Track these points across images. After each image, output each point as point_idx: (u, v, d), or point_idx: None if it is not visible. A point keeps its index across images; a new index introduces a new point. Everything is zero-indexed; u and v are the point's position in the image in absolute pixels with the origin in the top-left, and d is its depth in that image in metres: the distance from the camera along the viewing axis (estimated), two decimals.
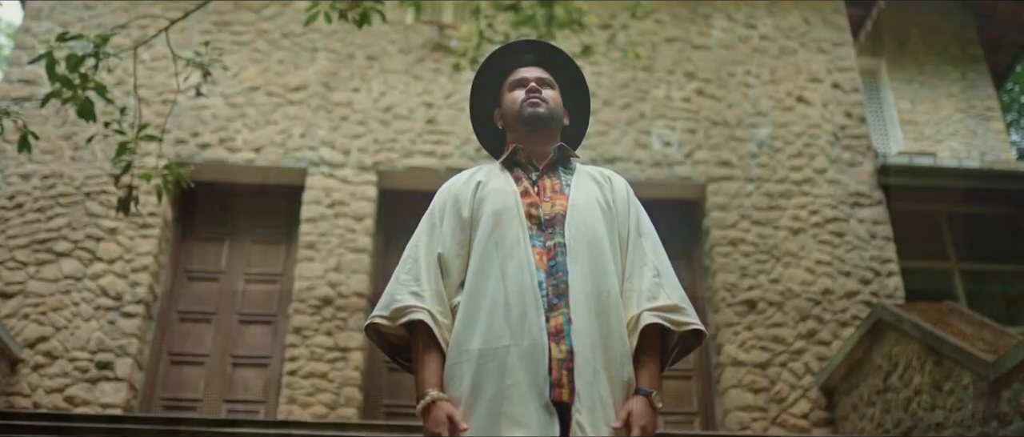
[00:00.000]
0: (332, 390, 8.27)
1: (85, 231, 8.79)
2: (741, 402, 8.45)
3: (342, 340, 8.49)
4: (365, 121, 9.60)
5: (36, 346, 8.22)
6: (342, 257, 8.88)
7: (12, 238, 8.72)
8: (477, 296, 2.30)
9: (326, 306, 8.64)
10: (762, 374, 8.59)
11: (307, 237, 8.96)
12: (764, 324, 8.82)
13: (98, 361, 8.19)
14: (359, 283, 8.75)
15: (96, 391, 8.08)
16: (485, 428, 2.12)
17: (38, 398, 8.01)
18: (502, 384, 2.16)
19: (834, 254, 9.18)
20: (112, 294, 8.52)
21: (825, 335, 8.77)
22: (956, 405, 6.48)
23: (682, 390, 9.00)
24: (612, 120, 9.78)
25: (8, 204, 8.89)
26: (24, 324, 8.31)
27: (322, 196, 9.16)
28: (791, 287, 8.99)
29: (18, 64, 9.77)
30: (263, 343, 8.90)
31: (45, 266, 8.62)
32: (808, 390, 8.54)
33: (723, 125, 9.85)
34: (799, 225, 9.31)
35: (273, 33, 10.11)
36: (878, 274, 9.11)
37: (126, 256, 8.71)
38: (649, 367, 2.35)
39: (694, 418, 8.87)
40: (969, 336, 6.64)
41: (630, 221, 2.52)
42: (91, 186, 8.99)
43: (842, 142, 9.83)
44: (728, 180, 9.52)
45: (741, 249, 9.17)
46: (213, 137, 9.39)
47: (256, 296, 9.14)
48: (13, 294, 8.46)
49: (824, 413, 8.46)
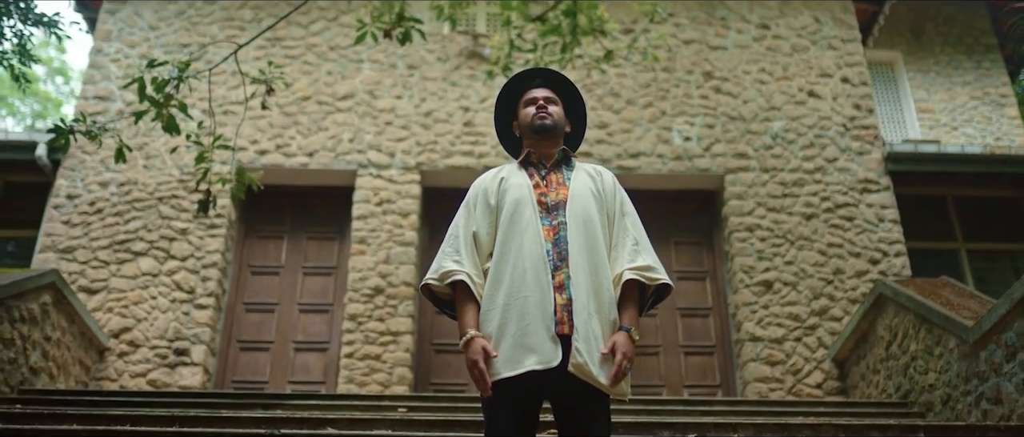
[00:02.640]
0: (385, 370, 9.13)
1: (159, 232, 9.74)
2: (759, 374, 9.19)
3: (393, 325, 9.35)
4: (408, 125, 10.46)
5: (120, 336, 9.18)
6: (391, 250, 9.74)
7: (95, 240, 9.69)
8: (502, 262, 3.12)
9: (378, 295, 9.51)
10: (779, 348, 9.32)
11: (358, 233, 9.84)
12: (780, 302, 9.55)
13: (176, 348, 9.13)
14: (407, 273, 9.61)
15: (175, 375, 9.03)
16: (509, 354, 2.93)
17: (124, 382, 8.97)
18: (521, 323, 2.97)
19: (844, 237, 9.89)
20: (185, 288, 9.46)
21: (836, 311, 9.48)
22: (944, 367, 7.20)
23: (705, 365, 9.76)
24: (635, 118, 10.55)
25: (90, 210, 9.86)
26: (109, 317, 9.27)
27: (371, 195, 10.03)
28: (804, 268, 9.71)
29: (92, 82, 10.75)
30: (321, 329, 9.80)
31: (125, 264, 9.58)
32: (821, 362, 9.26)
33: (739, 120, 10.58)
34: (811, 211, 10.03)
35: (321, 46, 11.01)
36: (886, 254, 9.80)
37: (196, 254, 9.64)
38: (629, 310, 3.15)
39: (717, 390, 9.62)
40: (956, 306, 7.34)
41: (615, 205, 3.32)
42: (163, 192, 9.94)
43: (851, 132, 10.53)
44: (745, 171, 10.26)
45: (757, 234, 9.90)
46: (270, 144, 10.30)
47: (313, 287, 10.04)
48: (98, 290, 9.43)
49: (836, 383, 9.18)
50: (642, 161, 10.28)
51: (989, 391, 6.55)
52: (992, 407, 6.50)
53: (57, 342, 8.17)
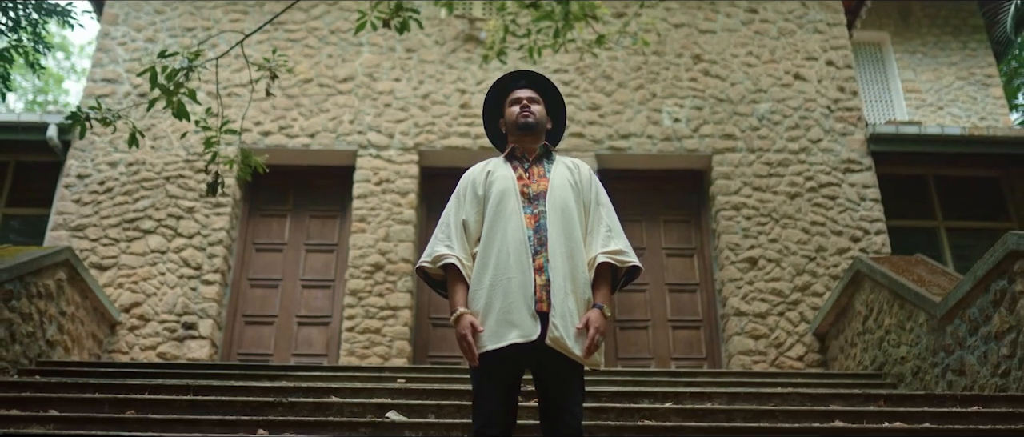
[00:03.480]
0: (385, 343, 9.53)
1: (167, 211, 10.12)
2: (744, 347, 9.59)
3: (392, 300, 9.74)
4: (406, 107, 10.81)
5: (131, 310, 9.58)
6: (390, 228, 10.12)
7: (105, 218, 10.07)
8: (488, 247, 3.49)
9: (378, 271, 9.90)
10: (762, 323, 9.72)
11: (359, 211, 10.21)
12: (764, 279, 9.94)
13: (184, 322, 9.53)
14: (406, 251, 9.99)
15: (183, 348, 9.43)
16: (494, 329, 3.31)
17: (134, 354, 9.38)
18: (505, 302, 3.34)
19: (827, 215, 10.27)
20: (193, 265, 9.85)
21: (818, 287, 9.88)
22: (915, 340, 7.60)
23: (692, 338, 10.17)
24: (626, 100, 10.90)
25: (99, 189, 10.23)
26: (119, 292, 9.66)
27: (371, 175, 10.40)
28: (788, 245, 10.10)
29: (100, 65, 11.09)
30: (323, 304, 10.20)
31: (134, 242, 9.96)
32: (803, 336, 9.66)
33: (727, 102, 10.94)
34: (796, 190, 10.40)
35: (322, 30, 11.34)
36: (867, 232, 10.19)
37: (203, 232, 10.02)
38: (603, 290, 3.52)
39: (703, 362, 10.03)
40: (927, 282, 7.74)
41: (591, 195, 3.69)
42: (170, 172, 10.30)
43: (835, 114, 10.88)
44: (731, 151, 10.62)
45: (743, 213, 10.28)
46: (273, 125, 10.65)
47: (315, 264, 10.43)
48: (108, 266, 9.82)
49: (817, 356, 9.59)
50: (632, 142, 10.64)
51: (954, 363, 6.96)
52: (957, 378, 6.91)
53: (71, 316, 8.56)
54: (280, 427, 4.99)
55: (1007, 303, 6.30)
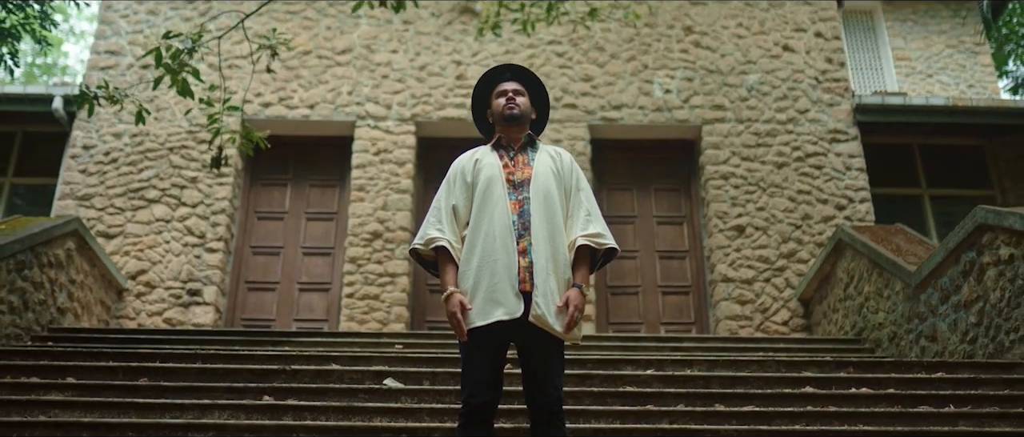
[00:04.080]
0: (383, 309, 9.86)
1: (171, 180, 10.40)
2: (730, 313, 9.92)
3: (391, 267, 10.06)
4: (403, 79, 11.06)
5: (137, 277, 9.89)
6: (388, 197, 10.41)
7: (111, 188, 10.35)
8: (476, 231, 3.77)
9: (376, 239, 10.20)
10: (749, 289, 10.04)
11: (357, 181, 10.50)
12: (751, 246, 10.25)
13: (189, 289, 9.85)
14: (403, 219, 10.28)
15: (188, 314, 9.76)
16: (481, 307, 3.60)
17: (141, 320, 9.71)
18: (491, 282, 3.63)
19: (813, 184, 10.55)
20: (196, 233, 10.15)
21: (803, 254, 10.19)
22: (892, 307, 7.92)
23: (681, 303, 10.50)
24: (618, 71, 11.14)
25: (105, 159, 10.50)
26: (126, 260, 9.97)
27: (369, 145, 10.67)
28: (775, 214, 10.39)
29: (103, 37, 11.31)
30: (324, 271, 10.51)
31: (139, 211, 10.25)
32: (788, 301, 9.99)
33: (717, 73, 11.18)
34: (783, 160, 10.68)
35: (321, 2, 11.54)
36: (851, 201, 10.48)
37: (206, 201, 10.31)
38: (582, 270, 3.81)
39: (691, 327, 10.36)
40: (904, 251, 8.04)
41: (572, 181, 3.97)
42: (173, 142, 10.57)
43: (823, 85, 11.13)
44: (721, 121, 10.89)
45: (732, 182, 10.56)
46: (273, 96, 10.90)
47: (316, 232, 10.73)
48: (115, 235, 10.12)
49: (801, 320, 9.92)
50: (624, 112, 10.90)
51: (927, 330, 7.29)
52: (929, 344, 7.24)
53: (81, 284, 8.88)
54: (284, 394, 5.32)
55: (975, 274, 6.62)
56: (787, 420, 4.96)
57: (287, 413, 4.96)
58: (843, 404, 5.31)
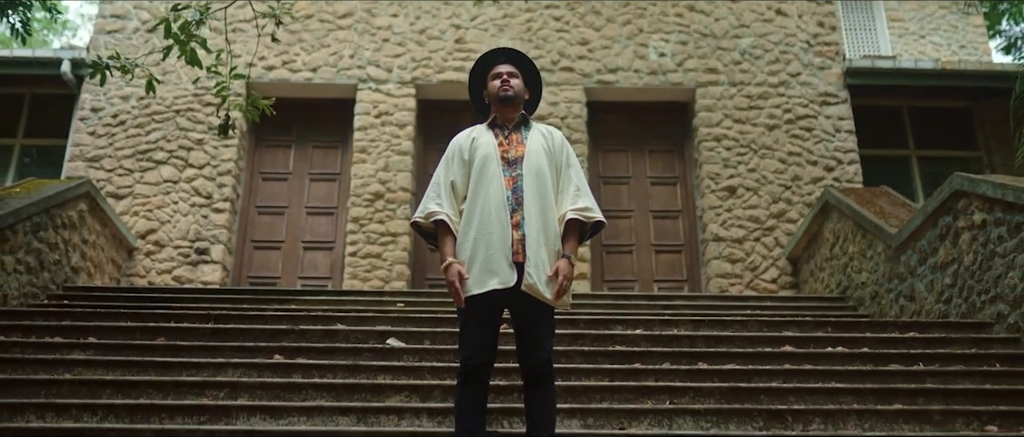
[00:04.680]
0: (385, 267, 10.18)
1: (178, 142, 10.68)
2: (721, 271, 10.25)
3: (392, 227, 10.37)
4: (404, 42, 11.28)
5: (147, 237, 10.21)
6: (389, 159, 10.69)
7: (119, 150, 10.64)
8: (473, 205, 4.06)
9: (378, 199, 10.50)
10: (739, 247, 10.36)
11: (359, 143, 10.77)
12: (742, 206, 10.55)
13: (197, 248, 10.17)
14: (404, 180, 10.57)
15: (197, 272, 10.09)
16: (477, 276, 3.91)
17: (151, 278, 10.04)
18: (487, 253, 3.93)
19: (803, 146, 10.83)
20: (203, 194, 10.45)
21: (793, 214, 10.49)
22: (874, 268, 8.25)
23: (674, 261, 10.82)
24: (614, 35, 11.37)
25: (113, 122, 10.77)
26: (135, 220, 10.28)
27: (370, 108, 10.93)
28: (765, 175, 10.68)
29: (109, 0, 11.51)
30: (327, 230, 10.83)
31: (147, 172, 10.55)
32: (777, 260, 10.32)
33: (711, 37, 11.41)
34: (774, 122, 10.95)
35: None
36: (840, 162, 10.76)
37: (212, 162, 10.59)
38: (571, 242, 4.11)
39: (683, 284, 10.70)
40: (887, 214, 8.35)
41: (562, 158, 4.25)
42: (180, 105, 10.83)
43: (814, 48, 11.37)
44: (714, 85, 11.13)
45: (724, 144, 10.84)
46: (276, 60, 11.14)
47: (319, 192, 11.03)
48: (124, 196, 10.42)
49: (789, 278, 10.26)
50: (620, 76, 11.14)
51: (906, 290, 7.62)
52: (907, 303, 7.58)
53: (93, 244, 9.20)
54: (293, 353, 5.65)
55: (951, 237, 6.93)
56: (765, 377, 5.29)
57: (296, 371, 5.30)
58: (819, 362, 5.65)
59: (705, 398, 4.97)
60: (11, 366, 5.27)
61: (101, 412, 4.56)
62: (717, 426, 4.59)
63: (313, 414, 4.60)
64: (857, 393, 5.00)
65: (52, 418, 4.53)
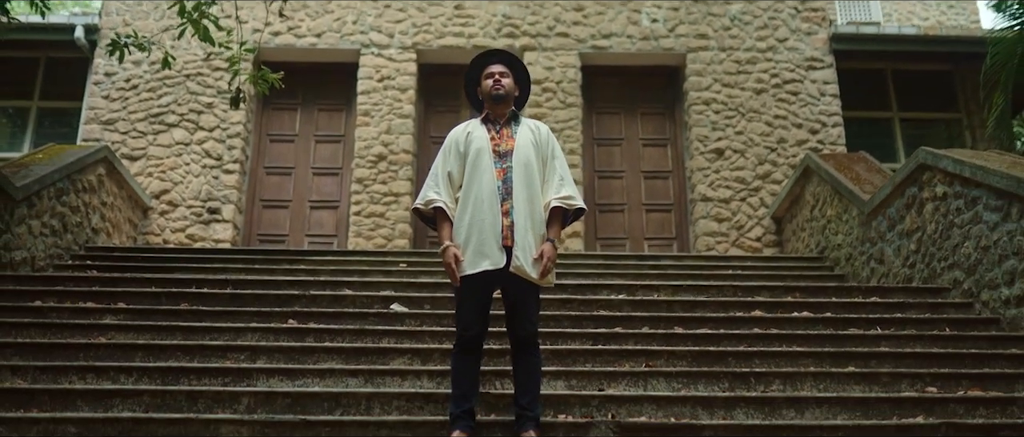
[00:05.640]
0: (388, 226, 10.70)
1: (188, 106, 11.14)
2: (708, 229, 10.77)
3: (394, 188, 10.87)
4: (405, 8, 11.68)
5: (160, 197, 10.73)
6: (391, 122, 11.15)
7: (133, 113, 11.11)
8: (468, 194, 4.56)
9: (381, 161, 10.99)
10: (726, 207, 10.87)
11: (363, 106, 11.23)
12: (729, 168, 11.03)
13: (208, 207, 10.68)
14: (406, 142, 11.05)
15: (209, 230, 10.62)
16: (471, 259, 4.41)
17: (166, 236, 10.57)
18: (480, 238, 4.44)
19: (789, 110, 11.28)
20: (214, 155, 10.94)
21: (778, 176, 10.98)
22: (849, 231, 8.76)
23: (664, 220, 11.34)
24: (608, 1, 11.75)
25: (126, 86, 11.22)
26: (149, 180, 10.79)
27: (373, 72, 11.37)
28: (752, 137, 11.15)
29: None
30: (332, 190, 11.34)
31: (160, 135, 11.03)
32: (762, 219, 10.83)
33: (701, 2, 11.79)
34: (762, 86, 11.38)
35: None
36: (824, 125, 11.23)
37: (222, 125, 11.06)
38: (555, 227, 4.61)
39: (672, 242, 11.23)
40: (863, 180, 8.84)
41: (548, 151, 4.73)
42: (190, 70, 11.27)
43: (802, 14, 11.76)
44: (704, 50, 11.56)
45: (713, 107, 11.29)
46: (282, 26, 11.53)
47: (324, 153, 11.52)
48: (138, 157, 10.91)
49: (773, 237, 10.78)
50: (614, 41, 11.56)
51: (876, 253, 8.14)
52: (877, 266, 8.10)
53: (111, 205, 9.71)
54: (305, 317, 6.19)
55: (916, 207, 7.43)
56: (734, 341, 5.83)
57: (309, 335, 5.84)
58: (785, 327, 6.18)
59: (678, 361, 5.50)
60: (51, 331, 5.81)
61: (136, 374, 5.10)
62: (686, 387, 5.13)
63: (325, 376, 5.14)
64: (816, 356, 5.54)
65: (92, 379, 5.07)
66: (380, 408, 4.71)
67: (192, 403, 4.67)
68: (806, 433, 4.42)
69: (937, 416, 4.66)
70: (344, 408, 4.69)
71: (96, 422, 4.33)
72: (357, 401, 4.73)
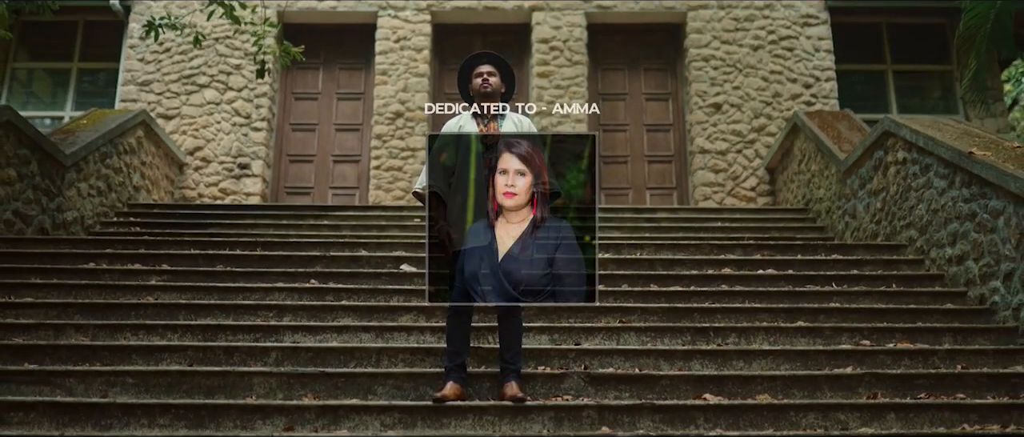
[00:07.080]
0: (406, 180, 11.49)
1: (218, 67, 11.91)
2: (706, 180, 11.47)
3: (411, 143, 11.63)
4: None
5: (194, 154, 11.57)
6: (408, 80, 11.87)
7: (166, 74, 11.90)
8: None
9: (398, 118, 11.74)
10: (722, 159, 11.55)
11: (380, 66, 11.95)
12: (726, 122, 11.69)
13: (239, 163, 11.51)
14: (421, 100, 11.77)
15: (240, 184, 11.46)
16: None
17: (201, 190, 11.43)
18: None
19: (784, 65, 11.88)
20: (243, 114, 11.73)
21: (772, 129, 11.62)
22: (829, 186, 9.45)
23: (664, 171, 12.05)
24: None
25: (159, 49, 11.98)
26: (184, 138, 11.62)
27: (390, 33, 12.06)
28: (749, 92, 11.78)
29: None
30: (354, 145, 12.13)
31: (192, 95, 11.82)
32: (756, 170, 11.51)
33: None
34: (759, 43, 11.97)
35: None
36: (818, 80, 11.82)
37: (250, 85, 11.84)
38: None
39: (673, 191, 11.95)
40: (843, 138, 9.49)
41: None
42: (218, 33, 12.00)
43: None
44: (704, 8, 12.13)
45: (712, 63, 11.90)
46: None
47: (346, 110, 12.29)
48: (172, 116, 11.73)
49: (767, 187, 11.47)
50: (617, 1, 12.15)
51: (850, 209, 8.84)
52: (850, 220, 8.81)
53: (150, 164, 10.57)
54: (325, 277, 7.03)
55: (883, 169, 8.11)
56: (701, 298, 6.59)
57: (329, 294, 6.67)
58: (750, 284, 6.93)
59: (650, 316, 6.28)
60: (106, 292, 6.68)
61: (180, 331, 5.95)
62: (653, 341, 5.90)
63: (342, 332, 5.97)
64: (771, 312, 6.29)
65: (144, 336, 5.92)
66: (388, 361, 5.52)
67: (229, 357, 5.52)
68: (749, 382, 5.19)
69: (866, 367, 5.39)
70: (358, 361, 5.51)
71: (149, 374, 5.17)
72: (368, 355, 5.54)
